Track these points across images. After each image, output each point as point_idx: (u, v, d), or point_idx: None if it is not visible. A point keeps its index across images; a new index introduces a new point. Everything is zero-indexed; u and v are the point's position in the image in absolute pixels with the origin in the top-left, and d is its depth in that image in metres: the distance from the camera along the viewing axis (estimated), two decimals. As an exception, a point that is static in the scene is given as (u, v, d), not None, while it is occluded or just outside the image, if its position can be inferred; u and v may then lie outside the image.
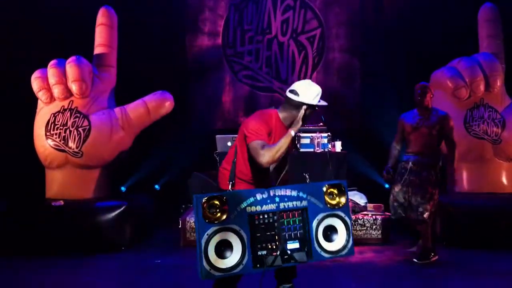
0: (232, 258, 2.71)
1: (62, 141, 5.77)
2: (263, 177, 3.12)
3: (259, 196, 2.80)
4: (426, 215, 4.76)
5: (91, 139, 5.80)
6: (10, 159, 6.54)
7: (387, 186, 7.43)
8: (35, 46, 6.73)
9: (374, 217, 5.81)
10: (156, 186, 7.68)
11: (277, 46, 8.16)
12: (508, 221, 5.42)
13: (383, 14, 7.93)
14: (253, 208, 2.78)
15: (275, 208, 2.81)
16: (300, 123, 3.02)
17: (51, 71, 5.78)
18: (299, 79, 8.00)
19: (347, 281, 4.25)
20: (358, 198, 6.04)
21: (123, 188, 7.22)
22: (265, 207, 2.80)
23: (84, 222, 5.36)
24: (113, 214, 5.43)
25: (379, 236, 5.78)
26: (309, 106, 3.08)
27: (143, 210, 6.21)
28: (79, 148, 5.78)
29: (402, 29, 7.66)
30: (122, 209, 5.47)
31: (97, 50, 6.36)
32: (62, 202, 5.52)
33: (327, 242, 2.88)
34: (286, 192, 2.86)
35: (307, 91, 3.10)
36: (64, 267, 4.82)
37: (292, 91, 3.10)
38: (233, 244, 2.72)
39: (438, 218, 5.46)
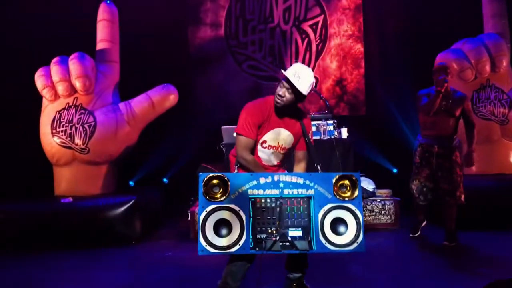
0: (230, 238, 2.75)
1: (69, 138, 5.80)
2: (265, 165, 3.16)
3: (262, 180, 2.82)
4: (463, 197, 4.78)
5: (97, 135, 5.82)
6: (18, 159, 6.59)
7: (395, 171, 7.42)
8: (38, 44, 6.73)
9: (382, 202, 5.81)
10: (165, 180, 7.70)
11: (280, 34, 8.13)
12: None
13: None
14: (255, 191, 2.81)
15: (278, 193, 2.82)
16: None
17: (54, 68, 5.80)
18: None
19: (356, 268, 4.23)
20: (366, 184, 6.03)
21: (131, 183, 7.25)
22: (267, 192, 2.82)
23: (93, 218, 5.38)
24: (122, 208, 5.44)
25: (388, 221, 5.78)
26: (283, 78, 3.10)
27: (152, 203, 6.24)
28: (85, 145, 5.80)
29: (406, 12, 7.59)
30: (130, 203, 5.48)
31: (99, 45, 6.36)
32: (71, 199, 5.55)
33: (334, 235, 2.79)
34: (291, 179, 2.84)
35: (290, 67, 3.13)
36: (75, 263, 4.85)
37: None
38: (232, 224, 2.76)
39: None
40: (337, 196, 2.83)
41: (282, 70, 3.10)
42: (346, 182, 2.86)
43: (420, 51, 7.00)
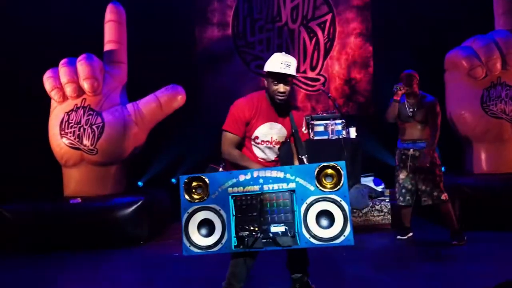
0: (213, 237, 2.77)
1: (77, 139, 5.82)
2: (262, 161, 3.18)
3: (242, 178, 2.79)
4: (443, 196, 4.83)
5: (105, 136, 5.84)
6: (28, 160, 6.63)
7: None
8: (46, 46, 6.76)
9: (391, 202, 5.76)
10: (173, 180, 7.70)
11: (287, 34, 8.09)
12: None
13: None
14: (235, 189, 2.79)
15: (258, 190, 2.76)
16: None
17: (62, 70, 5.83)
18: (311, 66, 7.95)
19: (364, 268, 4.20)
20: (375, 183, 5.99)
21: (140, 183, 7.27)
22: (248, 189, 2.78)
23: (102, 218, 5.41)
24: (131, 209, 5.47)
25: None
26: (270, 74, 3.03)
27: (160, 204, 6.26)
28: (93, 146, 5.83)
29: (414, 10, 7.51)
30: (139, 204, 5.50)
31: (107, 46, 6.39)
32: (79, 200, 5.58)
33: (319, 228, 2.67)
34: (271, 173, 2.78)
35: (270, 60, 3.03)
36: (83, 263, 4.88)
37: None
38: (215, 223, 2.78)
39: (456, 200, 5.37)
40: (320, 188, 2.70)
41: (271, 69, 2.98)
42: (331, 171, 2.71)
43: (429, 50, 6.93)
